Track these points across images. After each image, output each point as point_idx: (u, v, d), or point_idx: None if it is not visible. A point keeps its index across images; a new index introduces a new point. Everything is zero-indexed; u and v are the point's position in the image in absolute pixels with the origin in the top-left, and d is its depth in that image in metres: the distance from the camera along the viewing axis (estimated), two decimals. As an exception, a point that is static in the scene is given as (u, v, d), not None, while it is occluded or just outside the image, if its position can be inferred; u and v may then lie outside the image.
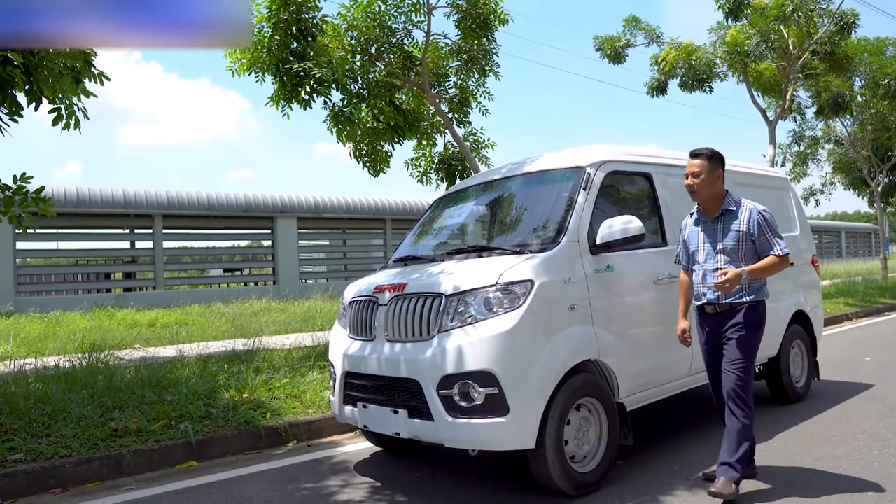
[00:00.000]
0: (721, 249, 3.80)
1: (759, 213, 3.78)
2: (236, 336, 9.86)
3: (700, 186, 3.81)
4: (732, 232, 3.78)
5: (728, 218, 3.82)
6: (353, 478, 4.31)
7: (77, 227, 18.15)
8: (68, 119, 5.41)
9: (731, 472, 3.61)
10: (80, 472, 4.29)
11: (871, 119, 20.16)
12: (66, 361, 6.73)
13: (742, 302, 3.75)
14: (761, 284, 3.82)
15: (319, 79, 7.73)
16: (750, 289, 3.76)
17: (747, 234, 3.75)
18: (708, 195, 3.84)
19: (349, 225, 22.51)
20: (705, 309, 3.87)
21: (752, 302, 3.76)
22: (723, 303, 3.78)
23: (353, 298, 4.47)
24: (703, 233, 3.89)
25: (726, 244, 3.79)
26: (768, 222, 3.77)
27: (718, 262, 3.79)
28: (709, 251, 3.85)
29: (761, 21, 14.14)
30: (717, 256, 3.81)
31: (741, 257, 3.76)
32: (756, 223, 3.75)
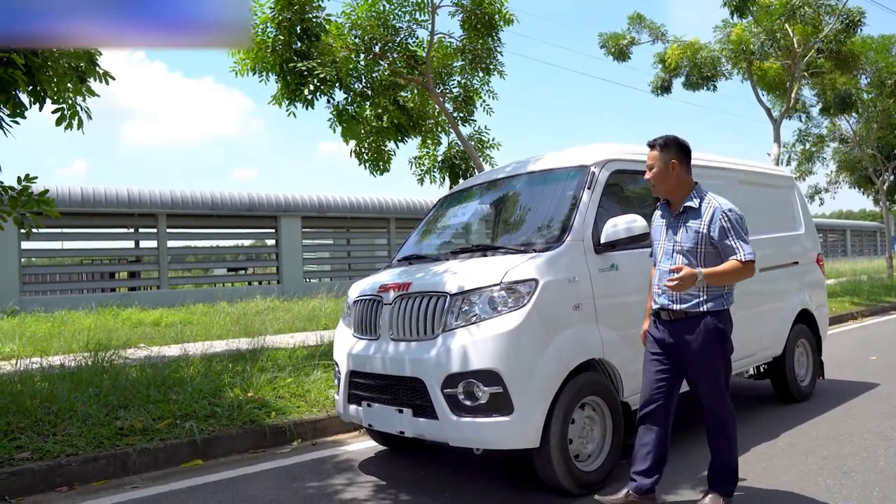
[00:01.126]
0: (679, 250, 3.44)
1: (722, 213, 3.37)
2: (241, 335, 9.87)
3: (655, 179, 3.50)
4: (692, 232, 3.40)
5: (689, 215, 3.45)
6: (357, 476, 4.32)
7: (81, 227, 18.19)
8: (71, 119, 5.43)
9: (716, 487, 3.45)
10: (86, 470, 4.31)
11: (877, 117, 20.10)
12: (72, 360, 6.75)
13: (699, 311, 3.37)
14: (724, 291, 3.43)
15: (323, 78, 7.73)
16: (709, 296, 3.38)
17: (707, 237, 3.37)
18: (665, 189, 3.50)
19: (353, 224, 22.52)
20: (660, 314, 3.52)
21: (710, 311, 3.38)
22: (677, 309, 3.42)
23: (358, 297, 4.48)
24: (664, 229, 3.55)
25: (684, 244, 3.42)
26: (732, 224, 3.35)
27: (675, 263, 3.40)
28: (667, 250, 3.50)
29: (767, 18, 14.10)
30: (675, 257, 3.44)
31: (700, 260, 3.38)
32: (718, 225, 3.35)
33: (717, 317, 3.40)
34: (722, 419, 3.46)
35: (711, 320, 3.38)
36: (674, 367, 3.50)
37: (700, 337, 3.38)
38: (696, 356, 3.40)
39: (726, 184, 5.45)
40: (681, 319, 3.43)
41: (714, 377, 3.43)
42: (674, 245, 3.47)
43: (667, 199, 3.58)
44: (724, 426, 3.46)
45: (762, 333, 5.40)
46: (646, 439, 3.53)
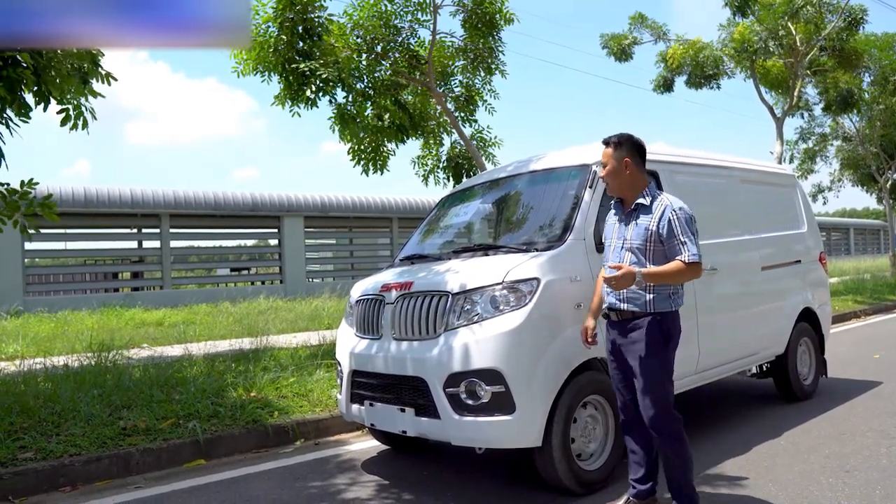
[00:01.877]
0: (628, 247, 3.36)
1: (672, 212, 3.27)
2: (243, 335, 9.89)
3: (608, 177, 3.43)
4: (641, 229, 3.33)
5: (640, 213, 3.36)
6: (360, 476, 4.33)
7: (85, 227, 18.22)
8: (76, 119, 5.44)
9: (685, 499, 3.31)
10: (90, 470, 4.32)
11: (880, 115, 20.04)
12: (75, 361, 6.77)
13: (644, 312, 3.30)
14: (670, 293, 3.33)
15: (325, 78, 7.74)
16: (656, 296, 3.29)
17: (656, 234, 3.28)
18: (617, 187, 3.43)
19: (356, 224, 22.52)
20: (609, 315, 3.46)
21: (656, 312, 3.29)
22: (624, 309, 3.35)
23: (360, 297, 4.48)
24: (617, 226, 3.48)
25: (633, 242, 3.34)
26: (681, 223, 3.25)
27: (624, 262, 3.34)
28: (616, 248, 3.43)
29: (769, 17, 14.08)
30: (623, 254, 3.37)
31: (648, 258, 3.30)
32: (667, 222, 3.26)
33: (663, 318, 3.31)
34: (664, 426, 3.28)
35: (655, 321, 3.29)
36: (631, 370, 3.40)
37: (644, 339, 3.29)
38: (636, 357, 3.31)
39: (729, 182, 5.45)
40: (627, 319, 3.37)
41: (655, 382, 3.29)
42: (623, 242, 3.40)
43: (620, 198, 3.51)
44: (670, 433, 3.28)
45: (764, 332, 5.39)
46: (633, 447, 3.50)
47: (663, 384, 3.31)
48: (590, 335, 3.60)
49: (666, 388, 3.32)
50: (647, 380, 3.29)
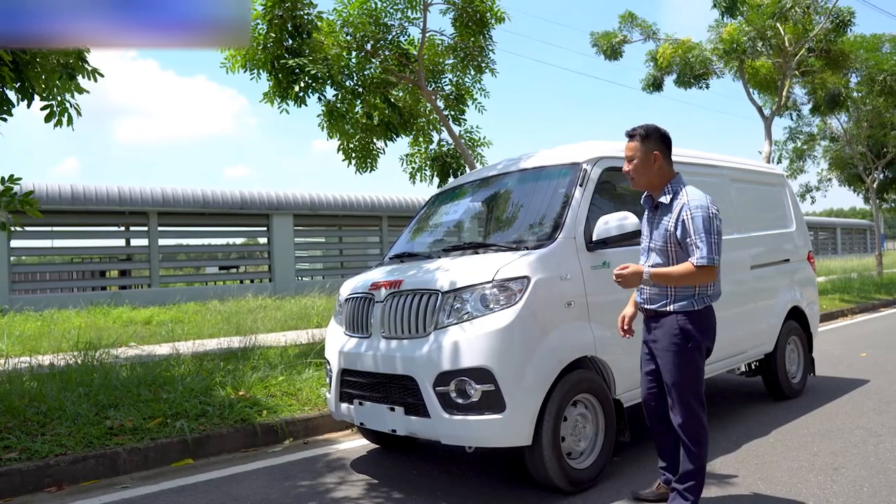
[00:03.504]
0: (653, 247, 3.34)
1: (687, 212, 3.17)
2: (232, 334, 9.83)
3: (635, 172, 3.32)
4: (662, 228, 3.28)
5: (662, 211, 3.31)
6: (349, 475, 4.31)
7: (72, 225, 18.09)
8: (60, 116, 5.38)
9: (679, 499, 3.29)
10: (76, 470, 4.27)
11: (867, 116, 20.20)
12: (61, 360, 6.71)
13: (666, 311, 3.27)
14: (694, 292, 3.25)
15: (314, 75, 7.70)
16: (677, 296, 3.25)
17: (674, 235, 3.22)
18: (644, 182, 3.34)
19: (345, 222, 22.47)
20: (641, 310, 3.48)
21: (676, 312, 3.25)
22: (647, 308, 3.37)
23: (350, 295, 4.46)
24: (645, 224, 3.48)
25: (656, 241, 3.31)
26: (694, 223, 3.13)
27: (649, 262, 3.34)
28: (644, 247, 3.43)
29: (758, 18, 14.15)
30: (650, 255, 3.36)
31: (671, 260, 3.25)
32: (681, 222, 3.18)
33: (686, 317, 3.24)
34: (688, 426, 3.26)
35: (677, 320, 3.25)
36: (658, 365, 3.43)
37: (666, 337, 3.28)
38: (663, 357, 3.30)
39: (719, 181, 5.46)
40: (651, 318, 3.38)
41: (682, 381, 3.25)
42: (649, 242, 3.39)
43: (649, 193, 3.44)
44: (693, 432, 3.26)
45: (754, 331, 5.41)
46: (657, 438, 3.55)
47: (689, 388, 3.26)
48: (626, 324, 3.51)
49: (692, 391, 3.26)
50: (669, 379, 3.29)
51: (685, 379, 3.26)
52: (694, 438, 3.25)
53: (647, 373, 3.49)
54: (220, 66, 8.43)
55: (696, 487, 3.28)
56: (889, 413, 5.20)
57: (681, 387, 3.25)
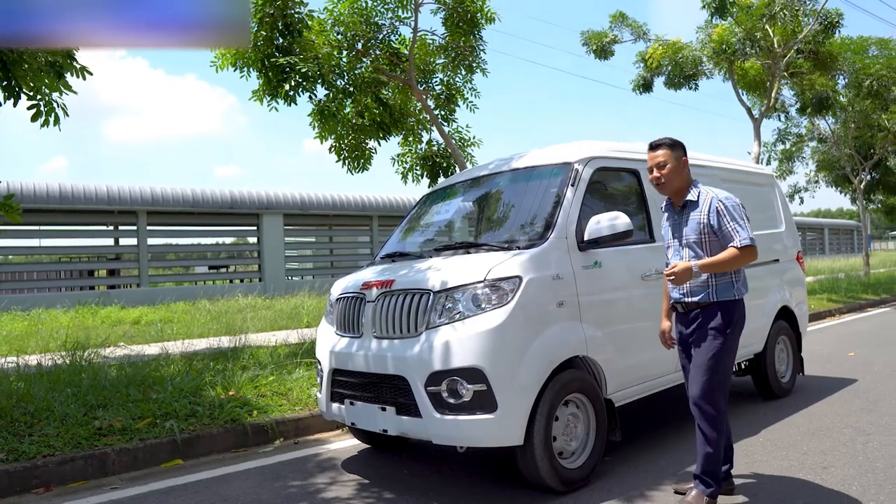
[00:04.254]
0: (685, 243, 3.51)
1: (718, 202, 3.43)
2: (222, 333, 9.78)
3: (668, 177, 3.52)
4: (693, 223, 3.48)
5: (690, 208, 3.52)
6: (340, 475, 4.29)
7: (60, 224, 17.96)
8: (47, 115, 5.33)
9: (700, 486, 3.40)
10: (64, 471, 4.24)
11: (854, 117, 20.35)
12: (49, 360, 6.65)
13: (708, 302, 3.44)
14: (731, 281, 3.46)
15: (305, 74, 7.68)
16: (717, 287, 3.43)
17: (708, 225, 3.43)
18: (676, 187, 3.55)
19: (335, 221, 22.43)
20: (676, 308, 3.64)
21: (718, 302, 3.44)
22: (688, 301, 3.51)
23: (341, 295, 4.45)
24: (670, 226, 3.64)
25: (689, 237, 3.49)
26: (728, 210, 3.40)
27: (683, 258, 3.50)
28: (675, 246, 3.59)
29: (747, 19, 14.23)
30: (683, 251, 3.52)
31: (705, 251, 3.45)
32: (715, 212, 3.41)
33: (726, 307, 3.45)
34: (707, 413, 3.40)
35: (721, 309, 3.44)
36: None
37: (706, 325, 3.45)
38: (699, 342, 3.47)
39: (709, 181, 5.47)
40: (692, 310, 3.52)
41: (712, 367, 3.40)
42: (681, 240, 3.56)
43: (669, 199, 3.66)
44: (708, 420, 3.39)
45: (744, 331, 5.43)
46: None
47: (715, 367, 3.40)
48: (668, 336, 3.76)
49: (719, 379, 3.41)
50: (700, 358, 3.44)
51: (718, 363, 3.41)
52: (711, 422, 3.39)
53: (688, 369, 3.60)
54: (210, 64, 8.38)
55: (715, 474, 3.40)
56: (877, 412, 5.24)
57: (712, 370, 3.40)
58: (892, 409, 5.30)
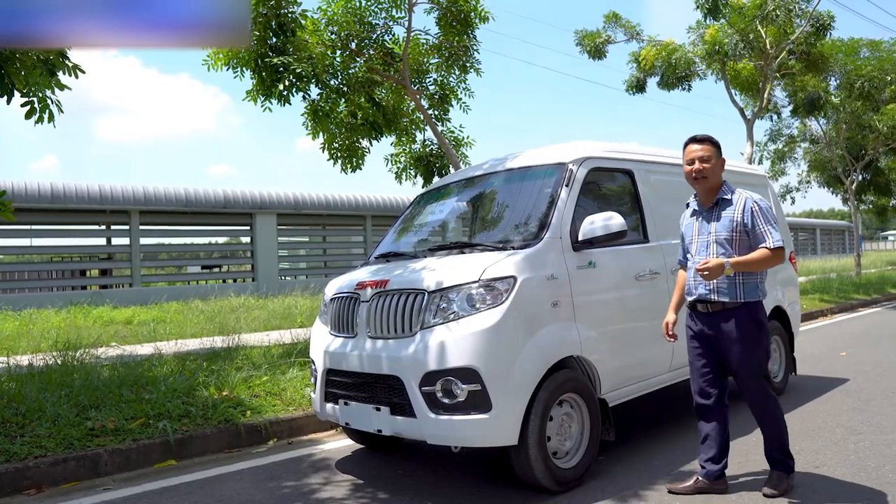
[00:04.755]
0: (714, 240, 3.60)
1: (753, 203, 3.55)
2: (215, 333, 9.75)
3: (710, 172, 3.61)
4: (726, 221, 3.58)
5: (722, 207, 3.63)
6: (334, 475, 4.29)
7: (52, 224, 17.86)
8: (41, 112, 5.30)
9: (779, 467, 3.65)
10: (56, 472, 4.21)
11: (846, 118, 20.45)
12: (41, 360, 6.61)
13: (736, 303, 3.53)
14: (756, 283, 3.56)
15: (299, 74, 7.66)
16: (745, 288, 3.53)
17: (741, 224, 3.54)
18: (714, 182, 3.64)
19: (329, 221, 22.40)
20: (697, 306, 3.68)
21: (746, 303, 3.54)
22: (715, 301, 3.57)
23: (335, 295, 4.44)
24: (697, 223, 3.72)
25: (719, 234, 3.58)
26: (762, 212, 3.53)
27: (711, 255, 3.58)
28: (702, 243, 3.66)
29: (740, 20, 14.29)
30: (710, 248, 3.61)
31: (735, 249, 3.55)
32: (750, 212, 3.53)
33: (754, 307, 3.56)
34: (764, 405, 3.61)
35: (748, 311, 3.54)
36: (716, 358, 3.69)
37: (738, 328, 3.54)
38: (735, 346, 3.55)
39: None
40: (718, 311, 3.59)
41: (754, 366, 3.56)
42: (709, 236, 3.63)
43: (696, 197, 3.76)
44: (769, 411, 3.62)
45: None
46: (706, 430, 3.74)
47: (762, 371, 3.58)
48: (671, 329, 3.84)
49: (765, 374, 3.60)
50: (748, 368, 3.55)
51: (759, 363, 3.58)
52: (772, 413, 3.61)
53: (701, 365, 3.73)
54: (203, 63, 8.35)
55: (787, 453, 3.66)
56: (868, 411, 5.27)
57: (756, 370, 3.56)
58: (884, 409, 5.33)
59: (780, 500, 3.52)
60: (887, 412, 5.23)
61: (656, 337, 4.59)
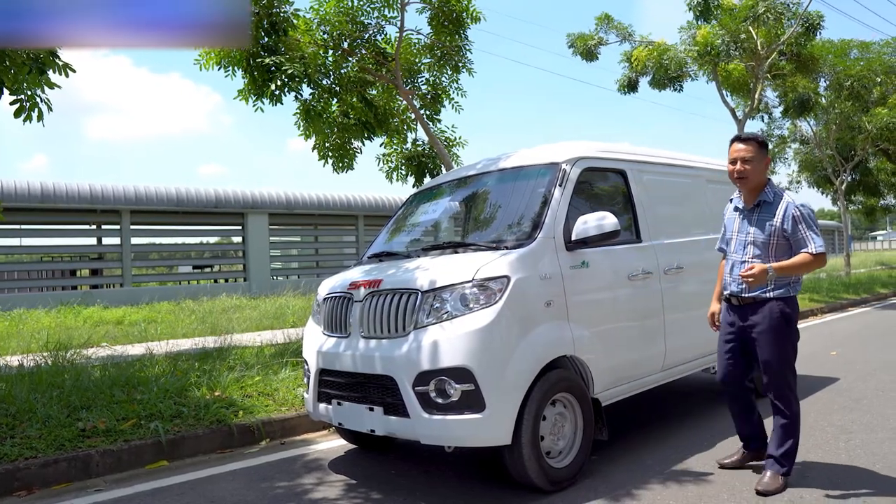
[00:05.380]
0: (752, 241, 3.69)
1: (795, 208, 3.60)
2: (207, 334, 9.72)
3: (751, 173, 3.66)
4: (765, 225, 3.65)
5: (763, 209, 3.70)
6: (327, 476, 4.28)
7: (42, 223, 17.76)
8: (31, 111, 5.26)
9: (776, 466, 3.67)
10: (47, 473, 4.19)
11: (836, 119, 20.60)
12: (31, 360, 6.57)
13: (766, 298, 3.65)
14: (791, 280, 3.67)
15: (291, 74, 7.64)
16: (776, 283, 3.64)
17: (780, 229, 3.61)
18: (755, 183, 3.69)
19: (321, 221, 22.36)
20: (731, 300, 3.83)
21: (776, 298, 3.64)
22: (745, 296, 3.71)
23: (328, 295, 4.43)
24: (738, 221, 3.81)
25: (757, 237, 3.67)
26: (804, 217, 3.58)
27: (747, 255, 3.70)
28: (739, 241, 3.77)
29: (731, 21, 14.36)
30: (747, 248, 3.71)
31: (771, 252, 3.63)
32: (791, 217, 3.59)
33: (785, 302, 3.66)
34: (785, 399, 3.69)
35: (778, 305, 3.64)
36: (743, 347, 3.83)
37: (767, 321, 3.65)
38: (763, 338, 3.67)
39: (696, 182, 5.53)
40: (748, 304, 3.72)
41: (781, 359, 3.66)
42: (746, 237, 3.73)
43: (740, 193, 3.84)
44: (788, 404, 3.69)
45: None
46: (736, 409, 4.00)
47: (787, 365, 3.69)
48: (716, 320, 4.03)
49: (790, 368, 3.70)
50: (772, 361, 3.66)
51: (785, 357, 3.69)
52: (789, 410, 3.69)
53: (727, 351, 3.89)
54: (194, 62, 8.32)
55: (791, 455, 3.69)
56: (859, 410, 5.31)
57: (781, 364, 3.67)
58: (874, 408, 5.37)
59: (772, 499, 3.54)
60: (877, 411, 5.27)
61: (649, 337, 4.62)
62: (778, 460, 3.68)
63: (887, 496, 3.52)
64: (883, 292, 16.83)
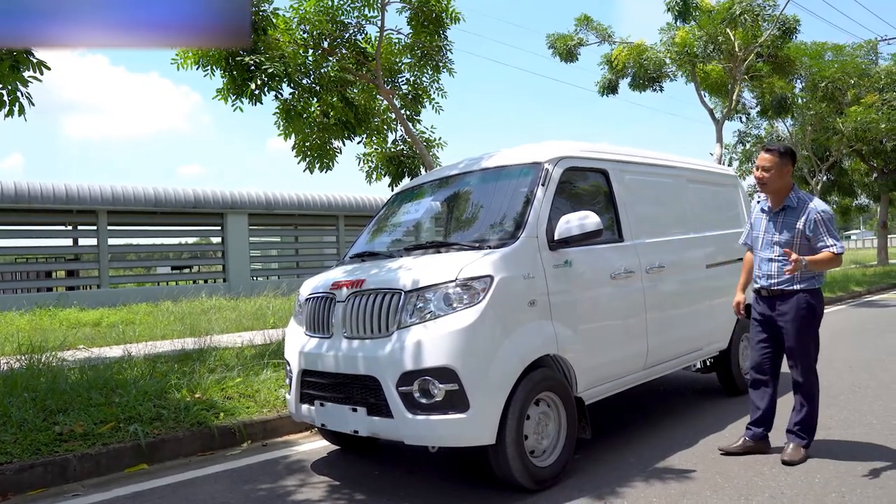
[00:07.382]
0: (777, 242, 4.10)
1: (817, 213, 4.00)
2: (186, 335, 9.61)
3: (770, 180, 4.08)
4: (789, 229, 4.06)
5: (788, 213, 4.09)
6: (310, 477, 4.25)
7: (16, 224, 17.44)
8: (11, 105, 5.17)
9: (797, 438, 4.11)
10: (22, 479, 4.10)
11: (811, 120, 20.90)
12: (5, 363, 6.45)
13: (792, 289, 4.05)
14: (815, 273, 4.05)
15: (271, 73, 7.59)
16: (802, 276, 4.01)
17: (802, 233, 4.02)
18: (776, 188, 4.10)
19: (301, 221, 22.22)
20: (760, 292, 4.22)
21: (802, 290, 4.04)
22: (774, 288, 4.11)
23: (310, 295, 4.40)
24: (765, 222, 4.20)
25: (782, 238, 4.08)
26: (825, 223, 3.98)
27: (774, 252, 4.10)
28: (767, 241, 4.17)
29: (709, 23, 14.51)
30: (773, 248, 4.11)
31: (795, 251, 3.95)
32: (812, 222, 3.99)
33: (810, 294, 4.06)
34: (808, 380, 4.12)
35: (804, 296, 4.05)
36: (773, 336, 4.22)
37: (793, 311, 4.06)
38: (790, 326, 4.07)
39: (677, 182, 5.57)
40: (776, 296, 4.12)
41: (805, 346, 4.09)
42: (773, 237, 4.14)
43: (766, 197, 4.22)
44: (809, 386, 4.13)
45: (709, 328, 5.53)
46: (757, 398, 4.32)
47: (810, 353, 4.13)
48: (741, 309, 4.51)
49: (812, 356, 4.15)
50: (798, 348, 4.10)
51: (809, 344, 4.12)
52: (810, 392, 4.15)
53: (760, 340, 4.29)
54: (171, 62, 8.22)
55: (811, 429, 4.16)
56: (836, 406, 5.38)
57: (805, 350, 4.11)
58: (851, 404, 5.44)
59: (748, 499, 3.57)
60: (854, 407, 5.34)
61: (631, 335, 4.64)
62: (799, 434, 4.10)
63: (864, 489, 3.57)
64: (858, 290, 17.08)
